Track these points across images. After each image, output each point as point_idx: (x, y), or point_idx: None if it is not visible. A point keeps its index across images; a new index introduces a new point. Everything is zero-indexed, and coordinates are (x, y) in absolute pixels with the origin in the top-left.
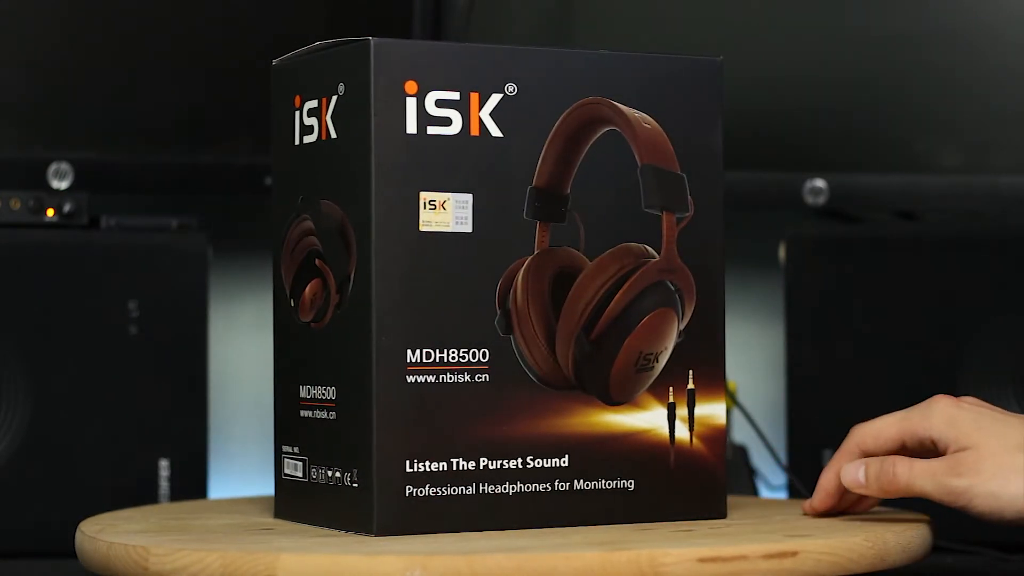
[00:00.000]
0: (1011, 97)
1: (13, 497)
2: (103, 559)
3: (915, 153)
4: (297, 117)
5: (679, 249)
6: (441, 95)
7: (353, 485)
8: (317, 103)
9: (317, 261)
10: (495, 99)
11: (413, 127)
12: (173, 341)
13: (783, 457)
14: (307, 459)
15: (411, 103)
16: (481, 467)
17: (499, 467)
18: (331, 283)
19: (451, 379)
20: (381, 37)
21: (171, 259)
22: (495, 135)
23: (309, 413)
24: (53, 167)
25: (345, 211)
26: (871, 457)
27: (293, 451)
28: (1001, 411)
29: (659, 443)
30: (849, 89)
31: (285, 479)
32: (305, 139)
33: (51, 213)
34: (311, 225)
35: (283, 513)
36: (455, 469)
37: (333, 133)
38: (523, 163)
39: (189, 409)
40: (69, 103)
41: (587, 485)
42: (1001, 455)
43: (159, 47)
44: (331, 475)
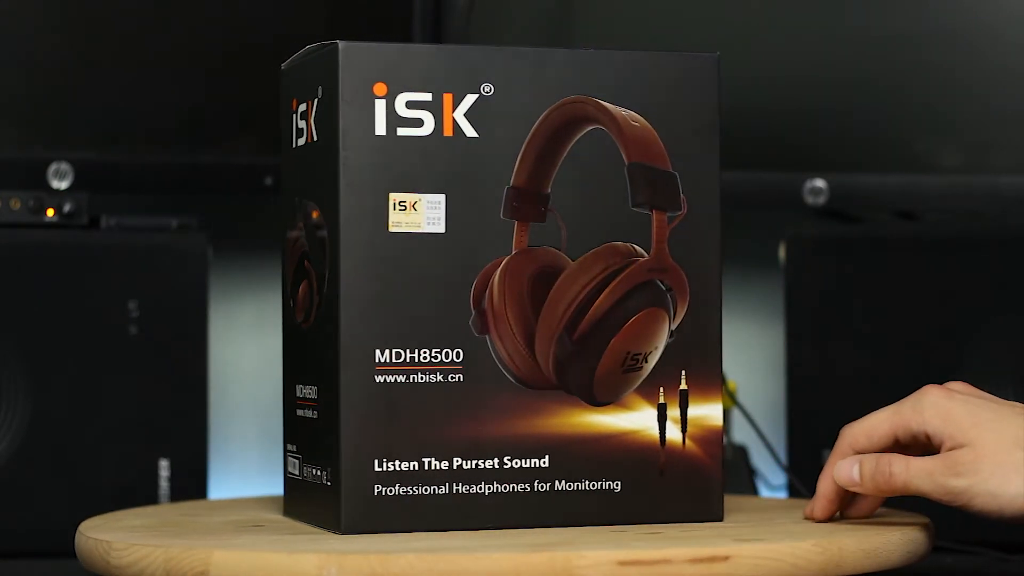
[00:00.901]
0: (1011, 97)
1: (13, 497)
2: (102, 559)
3: (915, 153)
4: (294, 120)
5: (672, 248)
6: (412, 96)
7: (327, 484)
8: (306, 106)
9: (305, 262)
10: (470, 99)
11: (382, 129)
12: (173, 341)
13: (783, 457)
14: (301, 458)
15: (380, 105)
16: (455, 467)
17: (474, 467)
18: (314, 284)
19: (423, 379)
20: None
21: (171, 259)
22: (470, 135)
23: (302, 412)
24: (53, 167)
25: (322, 213)
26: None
27: (292, 449)
28: (993, 398)
29: (648, 444)
30: (849, 89)
31: (288, 477)
32: (299, 142)
33: (51, 213)
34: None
35: (289, 511)
36: (427, 469)
37: (315, 136)
38: (500, 163)
39: (189, 409)
40: (69, 103)
41: (569, 486)
42: (999, 452)
43: (159, 47)
44: (316, 473)
